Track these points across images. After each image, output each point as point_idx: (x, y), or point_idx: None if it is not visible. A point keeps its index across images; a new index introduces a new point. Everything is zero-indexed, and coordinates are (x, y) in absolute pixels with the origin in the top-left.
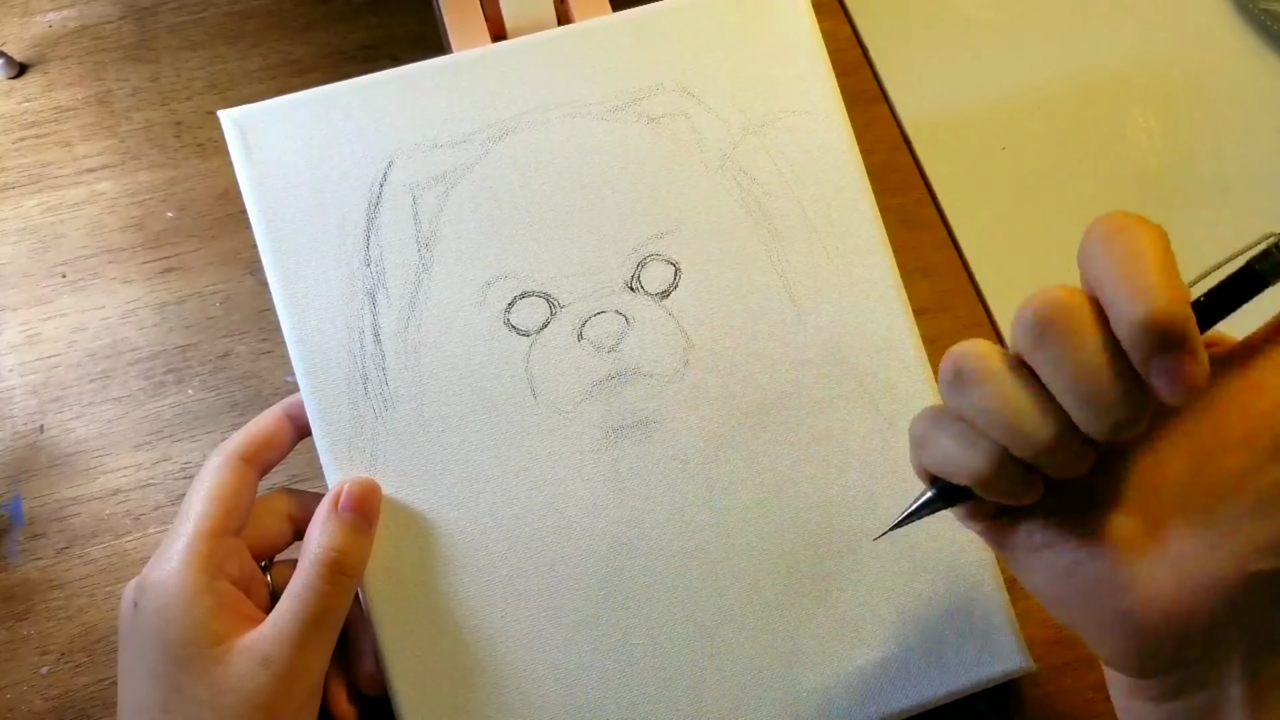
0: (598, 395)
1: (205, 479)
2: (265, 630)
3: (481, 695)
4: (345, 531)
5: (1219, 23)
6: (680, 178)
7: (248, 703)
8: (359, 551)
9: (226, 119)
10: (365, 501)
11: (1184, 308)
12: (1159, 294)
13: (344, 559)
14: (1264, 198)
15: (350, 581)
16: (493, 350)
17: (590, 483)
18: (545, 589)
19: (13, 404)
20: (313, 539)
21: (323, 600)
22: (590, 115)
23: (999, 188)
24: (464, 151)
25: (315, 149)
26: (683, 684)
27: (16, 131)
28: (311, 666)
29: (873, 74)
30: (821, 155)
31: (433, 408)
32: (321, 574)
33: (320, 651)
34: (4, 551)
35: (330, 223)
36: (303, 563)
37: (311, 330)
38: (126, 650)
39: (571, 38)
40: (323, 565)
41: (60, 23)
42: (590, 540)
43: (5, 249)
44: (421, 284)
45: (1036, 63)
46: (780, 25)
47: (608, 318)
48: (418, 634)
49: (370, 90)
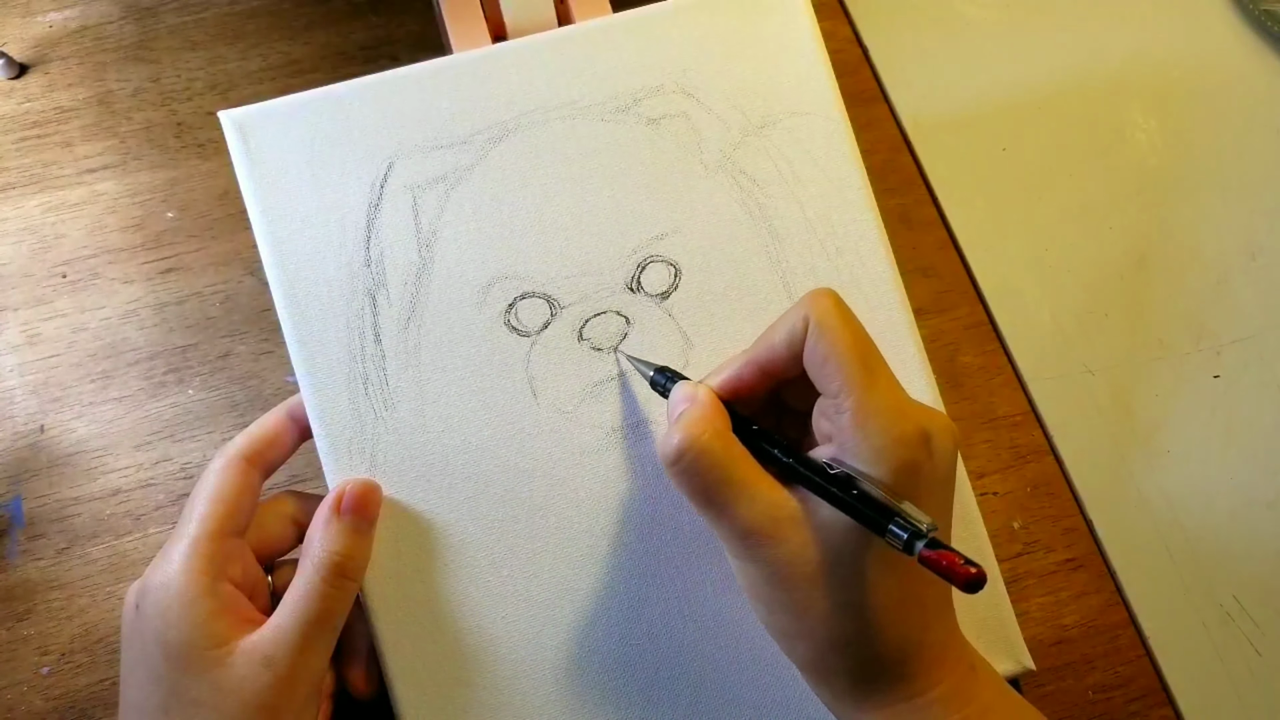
0: (598, 396)
1: (207, 481)
2: (267, 632)
3: (481, 695)
4: (347, 534)
5: (1219, 23)
6: (680, 179)
7: (250, 704)
8: (360, 554)
9: (227, 120)
10: (366, 502)
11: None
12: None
13: (346, 562)
14: (1264, 198)
15: (352, 584)
16: (493, 351)
17: (590, 483)
18: (545, 589)
19: (13, 404)
20: (314, 541)
21: (325, 603)
22: (590, 116)
23: (999, 188)
24: (464, 152)
25: (315, 150)
26: (682, 684)
27: (17, 132)
28: (313, 667)
29: (873, 74)
30: (822, 156)
31: (433, 408)
32: (325, 577)
33: (321, 652)
34: (4, 552)
35: (331, 223)
36: (304, 565)
37: (312, 331)
38: (128, 652)
39: (572, 39)
40: (326, 569)
41: (61, 23)
42: (590, 541)
43: (6, 249)
44: (422, 284)
45: (1036, 63)
46: (780, 26)
47: (608, 318)
48: (418, 634)
49: (370, 91)
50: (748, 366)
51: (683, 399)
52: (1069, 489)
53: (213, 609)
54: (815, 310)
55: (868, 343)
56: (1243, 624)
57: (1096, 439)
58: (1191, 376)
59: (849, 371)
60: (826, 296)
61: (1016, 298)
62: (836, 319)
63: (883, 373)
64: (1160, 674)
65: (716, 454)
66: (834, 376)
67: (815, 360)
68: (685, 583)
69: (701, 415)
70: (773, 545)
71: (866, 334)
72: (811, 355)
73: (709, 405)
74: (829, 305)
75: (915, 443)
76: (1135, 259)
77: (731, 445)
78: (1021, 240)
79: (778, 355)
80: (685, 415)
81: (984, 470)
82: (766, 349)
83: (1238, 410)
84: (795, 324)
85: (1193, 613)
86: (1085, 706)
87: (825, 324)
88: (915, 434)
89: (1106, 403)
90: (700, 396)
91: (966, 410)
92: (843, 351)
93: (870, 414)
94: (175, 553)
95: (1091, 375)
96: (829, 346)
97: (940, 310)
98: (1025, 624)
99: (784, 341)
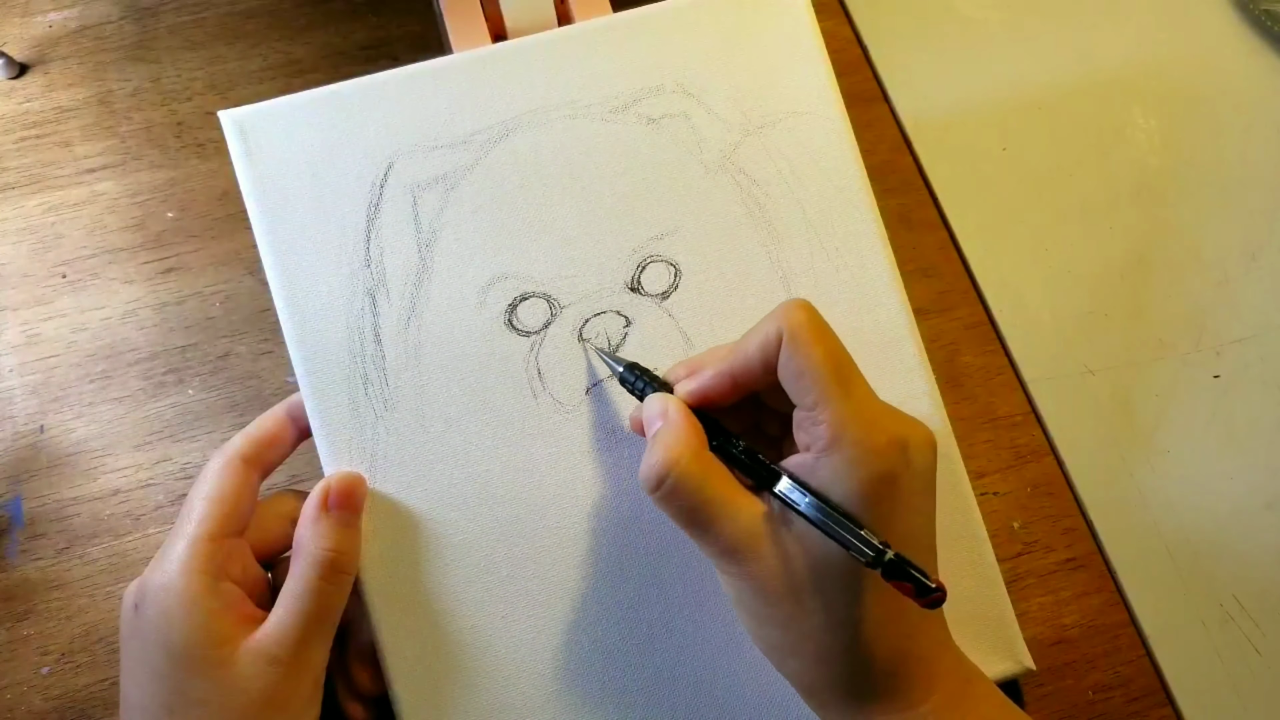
0: (598, 396)
1: (206, 481)
2: (269, 630)
3: (481, 695)
4: (336, 529)
5: (1219, 23)
6: (680, 179)
7: (257, 701)
8: (351, 547)
9: (227, 119)
10: (352, 496)
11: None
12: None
13: (339, 557)
14: (1264, 198)
15: (346, 577)
16: (493, 351)
17: (590, 484)
18: (545, 589)
19: (13, 404)
20: (304, 539)
21: (321, 598)
22: (590, 116)
23: (999, 188)
24: (464, 152)
25: (316, 149)
26: (683, 684)
27: (17, 132)
28: (316, 660)
29: (873, 74)
30: (822, 156)
31: (433, 408)
32: (321, 574)
33: (322, 645)
34: (4, 552)
35: (331, 223)
36: (297, 564)
37: (312, 331)
38: (129, 652)
39: (572, 38)
40: (319, 565)
41: (61, 23)
42: (590, 541)
43: (6, 249)
44: (422, 284)
45: (1036, 63)
46: (781, 26)
47: (608, 318)
48: (418, 634)
49: (371, 91)
50: (720, 377)
51: (656, 415)
52: (1069, 489)
53: (214, 608)
54: (789, 323)
55: (842, 354)
56: (1243, 624)
57: (1096, 439)
58: (1191, 376)
59: (823, 385)
60: (800, 310)
61: (1016, 298)
62: (810, 333)
63: (857, 384)
64: (1160, 674)
65: (695, 477)
66: (809, 390)
67: (789, 374)
68: (685, 582)
69: (676, 438)
70: (755, 560)
71: (840, 345)
72: (785, 369)
73: (682, 425)
74: (802, 319)
75: (891, 454)
76: (1135, 259)
77: (709, 465)
78: (1021, 240)
79: (751, 366)
80: (660, 438)
81: (984, 470)
82: (741, 359)
83: (1238, 410)
84: (768, 336)
85: (1193, 613)
86: (1085, 706)
87: (799, 338)
88: (891, 445)
89: (1106, 403)
90: (672, 414)
91: (966, 410)
92: (816, 365)
93: (845, 426)
94: (174, 553)
95: (1091, 375)
96: (803, 361)
97: (940, 310)
98: (1025, 624)
99: (757, 354)
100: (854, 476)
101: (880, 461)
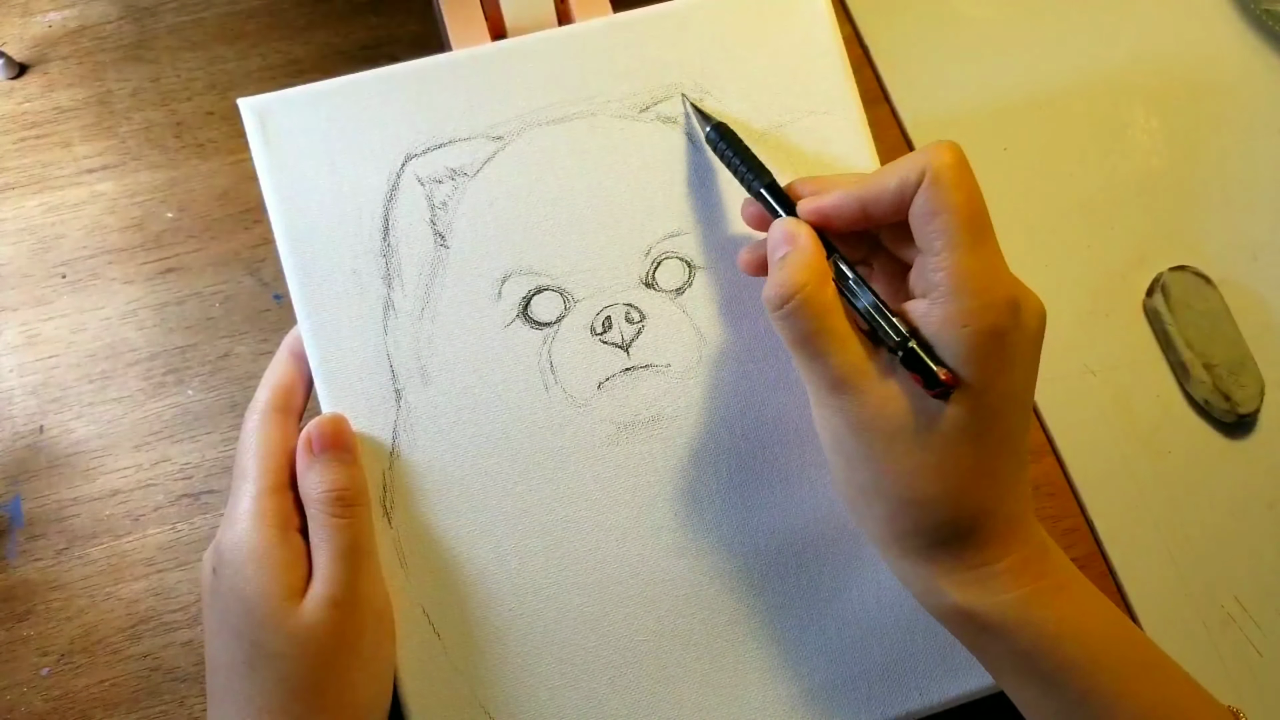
0: (610, 390)
1: (250, 439)
2: (319, 576)
3: (488, 690)
4: (331, 468)
5: (1219, 23)
6: (696, 177)
7: (330, 646)
8: (354, 481)
9: (246, 107)
10: (337, 436)
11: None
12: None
13: (344, 493)
14: (1264, 197)
15: (360, 509)
16: (507, 343)
17: (601, 478)
18: (553, 584)
19: (13, 404)
20: (306, 488)
21: (347, 532)
22: (608, 113)
23: (999, 188)
24: (482, 145)
25: (333, 139)
26: (691, 679)
27: (17, 132)
28: (369, 593)
29: (873, 74)
30: (839, 155)
31: (445, 400)
32: (332, 511)
33: (372, 575)
34: (4, 552)
35: (347, 212)
36: (310, 512)
37: (326, 319)
38: (210, 615)
39: (594, 33)
40: (329, 504)
41: (60, 23)
42: (599, 535)
43: (5, 249)
44: (437, 276)
45: (1036, 63)
46: (799, 24)
47: (622, 313)
48: (424, 627)
49: (389, 82)
50: (850, 200)
51: (785, 240)
52: (1069, 489)
53: (286, 559)
54: (935, 162)
55: (980, 205)
56: (1244, 625)
57: (1096, 439)
58: None
59: (954, 232)
60: (950, 151)
61: None
62: (954, 176)
63: (988, 239)
64: None
65: (819, 304)
66: (939, 234)
67: (923, 213)
68: (695, 578)
69: (805, 263)
70: (858, 396)
71: (981, 197)
72: (920, 208)
73: (812, 252)
74: (950, 160)
75: (1006, 311)
76: (1135, 259)
77: (833, 296)
78: (1021, 240)
79: (884, 198)
80: (790, 261)
81: None
82: (875, 188)
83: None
84: (910, 172)
85: (1193, 613)
86: None
87: (943, 179)
88: (1007, 302)
89: (1106, 403)
90: (803, 240)
91: None
92: (954, 210)
93: (967, 277)
94: (239, 512)
95: (1092, 375)
96: (940, 202)
97: None
98: None
99: (894, 187)
100: (967, 326)
101: (994, 315)
